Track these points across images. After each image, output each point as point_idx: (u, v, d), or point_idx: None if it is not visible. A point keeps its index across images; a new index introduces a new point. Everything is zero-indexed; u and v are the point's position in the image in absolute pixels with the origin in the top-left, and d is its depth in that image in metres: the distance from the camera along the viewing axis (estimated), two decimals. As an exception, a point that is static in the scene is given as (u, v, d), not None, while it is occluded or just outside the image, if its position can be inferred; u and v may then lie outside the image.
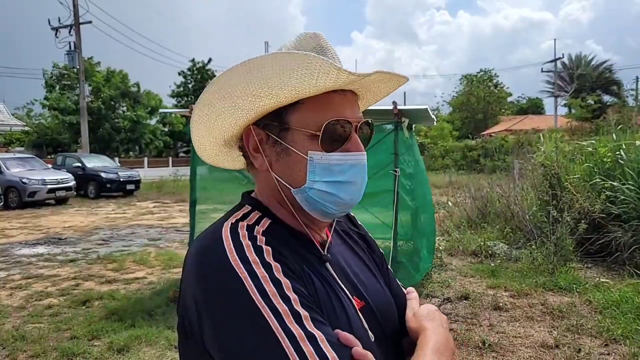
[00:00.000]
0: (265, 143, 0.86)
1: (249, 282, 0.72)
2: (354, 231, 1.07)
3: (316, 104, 0.82)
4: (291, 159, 0.84)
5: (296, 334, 0.69)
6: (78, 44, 23.30)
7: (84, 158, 19.34)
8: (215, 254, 0.76)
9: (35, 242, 9.21)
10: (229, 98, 0.81)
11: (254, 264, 0.74)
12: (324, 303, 0.80)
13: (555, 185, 7.07)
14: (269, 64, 0.76)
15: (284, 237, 0.84)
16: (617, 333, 4.04)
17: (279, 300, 0.71)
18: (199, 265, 0.77)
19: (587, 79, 38.37)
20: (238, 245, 0.76)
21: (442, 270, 6.36)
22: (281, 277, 0.74)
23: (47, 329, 4.54)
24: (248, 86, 0.79)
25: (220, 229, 0.81)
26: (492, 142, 26.45)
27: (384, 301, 0.95)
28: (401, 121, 5.01)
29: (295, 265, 0.79)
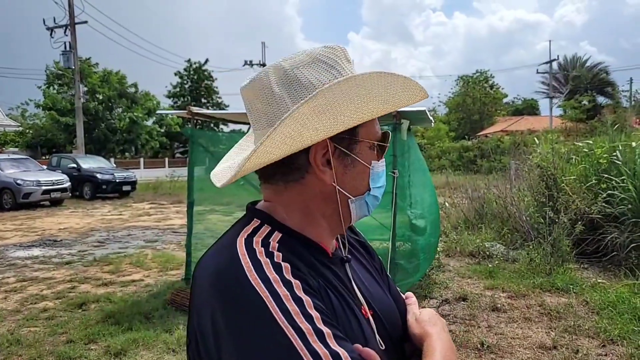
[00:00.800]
0: (332, 156, 0.85)
1: (271, 302, 0.70)
2: (354, 239, 1.07)
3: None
4: (356, 170, 0.87)
5: (321, 353, 0.68)
6: (73, 44, 23.21)
7: (79, 159, 19.24)
8: (234, 273, 0.74)
9: (30, 244, 9.15)
10: (329, 113, 0.79)
11: (275, 283, 0.72)
12: (340, 316, 0.79)
13: (552, 186, 7.09)
14: (377, 83, 0.81)
15: (298, 251, 0.83)
16: (614, 334, 4.05)
17: (302, 319, 0.70)
18: (217, 286, 0.75)
19: (582, 80, 38.56)
20: (256, 263, 0.74)
21: (440, 271, 6.37)
22: (302, 294, 0.73)
23: (43, 332, 4.50)
24: (354, 102, 0.80)
25: (235, 245, 0.78)
26: (488, 143, 26.55)
27: (389, 309, 0.95)
28: (400, 123, 5.00)
29: (313, 280, 0.79)
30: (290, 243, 0.83)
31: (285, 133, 0.78)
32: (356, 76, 0.80)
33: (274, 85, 0.83)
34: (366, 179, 0.88)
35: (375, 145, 0.89)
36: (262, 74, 0.85)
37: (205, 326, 0.74)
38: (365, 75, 0.81)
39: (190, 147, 5.85)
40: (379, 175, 0.90)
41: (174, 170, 25.49)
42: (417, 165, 6.29)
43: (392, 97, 0.84)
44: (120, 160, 31.47)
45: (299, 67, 0.83)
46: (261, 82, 0.84)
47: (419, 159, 6.63)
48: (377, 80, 0.81)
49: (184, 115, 5.89)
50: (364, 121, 0.84)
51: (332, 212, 0.88)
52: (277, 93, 0.82)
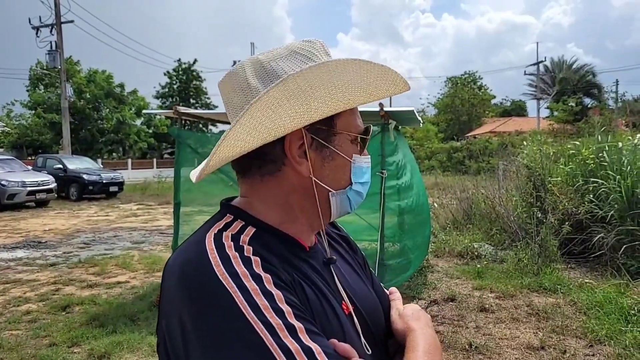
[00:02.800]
0: (309, 147, 0.82)
1: (239, 297, 0.67)
2: (336, 233, 1.05)
3: (352, 109, 0.85)
4: (335, 163, 0.84)
5: (292, 348, 0.65)
6: (59, 44, 22.95)
7: (65, 159, 19.00)
8: (201, 269, 0.71)
9: (14, 245, 8.99)
10: (300, 99, 0.74)
11: (243, 277, 0.69)
12: (317, 311, 0.77)
13: (539, 186, 7.12)
14: (352, 70, 0.77)
15: (272, 245, 0.80)
16: (601, 334, 4.07)
17: (272, 314, 0.67)
18: (184, 282, 0.71)
19: (569, 82, 38.96)
20: (224, 257, 0.71)
21: (429, 272, 6.36)
22: (272, 288, 0.70)
23: (25, 335, 4.41)
24: (327, 88, 0.76)
25: (204, 240, 0.75)
26: (477, 144, 26.69)
27: (372, 304, 0.93)
28: (388, 123, 4.99)
29: (286, 274, 0.76)
30: (264, 238, 0.80)
31: (255, 117, 0.74)
32: (330, 62, 0.75)
33: (250, 78, 0.81)
34: (347, 173, 0.85)
35: (356, 138, 0.86)
36: (238, 67, 0.83)
37: (173, 325, 0.71)
38: (340, 61, 0.75)
39: (177, 148, 5.78)
40: (362, 170, 0.87)
41: (161, 171, 25.35)
42: (409, 165, 6.28)
43: (369, 85, 0.79)
44: (107, 161, 31.20)
45: (276, 60, 0.81)
46: (237, 76, 0.82)
47: (410, 159, 6.64)
48: (353, 67, 0.76)
49: (170, 115, 5.82)
50: (340, 110, 0.80)
51: (311, 206, 0.84)
52: (253, 85, 0.80)
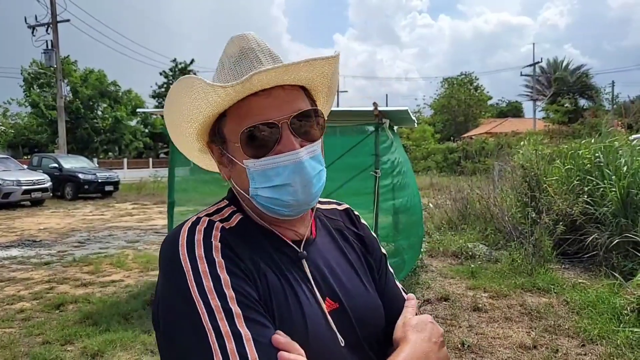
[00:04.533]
0: (221, 155, 0.91)
1: (190, 277, 0.75)
2: (351, 231, 1.05)
3: (236, 113, 0.85)
4: (237, 169, 0.88)
5: (223, 330, 0.72)
6: (55, 43, 22.89)
7: (60, 159, 18.96)
8: (170, 248, 0.80)
9: (9, 244, 8.96)
10: (173, 126, 0.92)
11: (199, 259, 0.77)
12: (278, 302, 0.80)
13: (534, 187, 7.15)
14: (174, 92, 0.85)
15: (251, 234, 0.87)
16: (593, 333, 4.08)
17: (214, 296, 0.74)
18: (160, 258, 0.83)
19: (565, 83, 39.11)
20: (190, 240, 0.80)
21: (423, 271, 6.37)
22: (222, 273, 0.76)
23: (19, 333, 4.40)
24: (177, 115, 0.88)
25: (186, 222, 0.85)
26: (473, 145, 26.76)
27: (364, 305, 0.92)
28: (382, 122, 5.00)
29: (248, 262, 0.81)
30: (247, 225, 0.88)
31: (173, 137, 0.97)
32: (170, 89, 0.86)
33: None
34: (247, 179, 0.86)
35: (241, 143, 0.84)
36: None
37: (156, 295, 0.83)
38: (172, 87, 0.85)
39: (171, 147, 5.77)
40: (261, 173, 0.84)
41: (157, 170, 25.29)
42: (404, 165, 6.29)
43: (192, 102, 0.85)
44: (103, 160, 31.11)
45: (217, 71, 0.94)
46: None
47: (405, 159, 6.64)
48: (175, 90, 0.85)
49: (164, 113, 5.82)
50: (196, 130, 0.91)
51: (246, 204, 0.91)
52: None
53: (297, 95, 0.87)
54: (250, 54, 0.86)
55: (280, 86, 0.84)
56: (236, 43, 0.88)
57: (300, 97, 0.88)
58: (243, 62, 0.86)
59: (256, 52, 0.87)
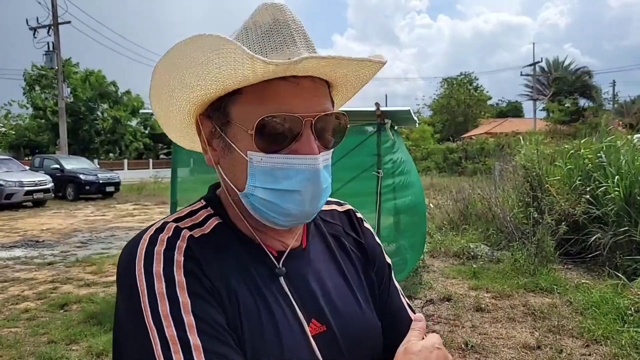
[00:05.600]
0: (213, 135, 0.77)
1: (144, 299, 0.65)
2: (350, 238, 0.92)
3: (256, 94, 0.70)
4: (233, 157, 0.74)
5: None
6: (57, 44, 22.92)
7: (62, 160, 18.98)
8: (127, 261, 0.69)
9: (12, 244, 8.98)
10: (167, 88, 0.74)
11: (156, 277, 0.66)
12: (252, 327, 0.70)
13: (536, 187, 7.16)
14: (190, 50, 0.66)
15: (227, 244, 0.75)
16: (598, 334, 4.09)
17: (169, 323, 0.63)
18: (117, 268, 0.72)
19: (565, 82, 39.12)
20: (150, 252, 0.68)
21: (425, 271, 6.38)
22: (182, 294, 0.66)
23: (24, 333, 4.42)
24: (181, 74, 0.70)
25: (148, 229, 0.73)
26: (473, 145, 26.77)
27: (357, 327, 0.80)
28: (384, 122, 5.01)
29: (216, 280, 0.69)
30: (223, 232, 0.76)
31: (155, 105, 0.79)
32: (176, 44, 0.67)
33: None
34: (244, 172, 0.72)
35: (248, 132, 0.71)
36: None
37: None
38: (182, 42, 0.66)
39: (174, 148, 5.79)
40: (267, 171, 0.71)
41: (157, 171, 25.31)
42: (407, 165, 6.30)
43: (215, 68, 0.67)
44: (104, 161, 31.10)
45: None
46: None
47: (408, 159, 6.65)
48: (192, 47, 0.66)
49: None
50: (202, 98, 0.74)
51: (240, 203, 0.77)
52: None
53: (324, 92, 0.75)
54: (284, 30, 0.72)
55: (310, 76, 0.72)
56: (270, 12, 0.73)
57: (326, 94, 0.76)
58: (274, 37, 0.72)
59: (291, 30, 0.73)
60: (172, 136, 0.89)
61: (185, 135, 0.87)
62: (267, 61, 0.62)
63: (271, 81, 0.69)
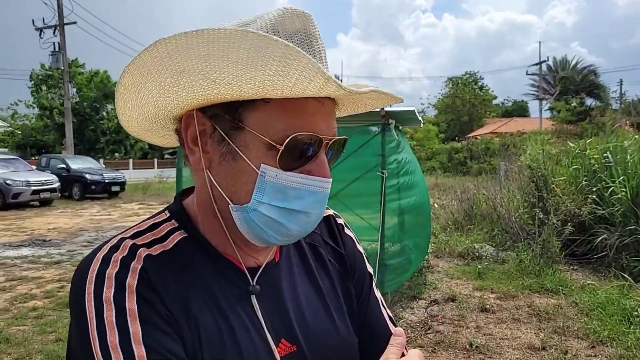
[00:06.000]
0: (208, 136, 0.68)
1: (92, 327, 0.61)
2: (328, 247, 0.86)
3: (284, 106, 0.64)
4: (237, 166, 0.66)
5: None
6: (62, 45, 23.05)
7: (68, 159, 19.09)
8: (78, 283, 0.65)
9: (20, 243, 9.06)
10: (172, 71, 0.61)
11: (106, 303, 0.62)
12: (213, 351, 0.66)
13: (542, 187, 7.14)
14: (236, 44, 0.56)
15: (190, 261, 0.70)
16: (603, 335, 4.08)
17: (118, 356, 0.59)
18: (70, 289, 0.67)
19: (571, 82, 38.91)
20: (101, 274, 0.64)
21: (429, 272, 6.38)
22: (133, 323, 0.61)
23: (32, 331, 4.47)
24: (202, 63, 0.59)
25: (102, 247, 0.68)
26: (478, 145, 26.69)
27: (328, 344, 0.76)
28: (388, 123, 5.01)
29: (173, 305, 0.65)
30: (186, 248, 0.71)
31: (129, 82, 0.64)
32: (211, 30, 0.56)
33: None
34: (250, 185, 0.66)
35: (273, 145, 0.65)
36: None
37: None
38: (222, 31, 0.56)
39: (179, 149, 5.82)
40: (279, 188, 0.65)
41: (162, 171, 25.37)
42: (412, 165, 6.30)
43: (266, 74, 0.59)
44: (109, 161, 31.26)
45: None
46: None
47: (412, 159, 6.65)
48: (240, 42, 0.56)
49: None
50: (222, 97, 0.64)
51: (227, 216, 0.70)
52: None
53: (334, 113, 0.72)
54: (313, 43, 0.67)
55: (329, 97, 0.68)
56: (301, 21, 0.67)
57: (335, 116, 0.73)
58: (306, 50, 0.65)
59: (319, 45, 0.68)
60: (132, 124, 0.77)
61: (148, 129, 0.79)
62: (344, 87, 0.60)
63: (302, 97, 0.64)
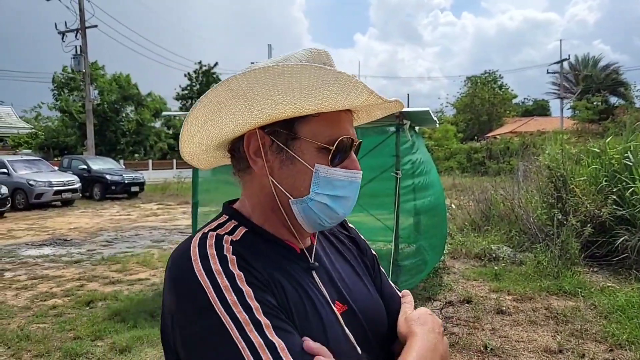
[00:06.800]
0: (268, 148, 0.86)
1: (211, 293, 0.73)
2: (343, 234, 1.07)
3: (327, 118, 0.84)
4: (295, 168, 0.84)
5: (255, 342, 0.70)
6: (84, 48, 23.48)
7: (89, 160, 19.43)
8: (183, 266, 0.77)
9: (41, 243, 9.26)
10: (243, 98, 0.79)
11: (217, 274, 0.75)
12: (297, 311, 0.80)
13: (561, 187, 7.02)
14: (298, 74, 0.76)
15: (258, 245, 0.85)
16: (622, 338, 4.00)
17: (239, 309, 0.72)
18: (170, 277, 0.79)
19: (594, 80, 38.15)
20: (203, 255, 0.77)
21: (445, 273, 6.33)
22: (243, 285, 0.75)
23: (51, 329, 4.56)
24: (270, 90, 0.77)
25: (192, 238, 0.82)
26: (497, 144, 26.36)
27: (370, 305, 0.94)
28: (402, 123, 4.99)
29: (264, 273, 0.79)
30: (252, 238, 0.86)
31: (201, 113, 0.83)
32: (276, 66, 0.75)
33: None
34: (307, 181, 0.84)
35: (325, 148, 0.84)
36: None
37: (166, 313, 0.79)
38: (287, 66, 0.75)
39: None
40: (329, 181, 0.85)
41: (181, 171, 25.61)
42: (427, 165, 6.26)
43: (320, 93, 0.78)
44: (129, 161, 31.64)
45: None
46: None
47: (428, 159, 6.61)
48: (302, 72, 0.76)
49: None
50: (287, 115, 0.82)
51: (278, 208, 0.87)
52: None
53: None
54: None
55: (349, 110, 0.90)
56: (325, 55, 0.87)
57: None
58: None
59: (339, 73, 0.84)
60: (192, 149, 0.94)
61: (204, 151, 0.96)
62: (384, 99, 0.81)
63: (338, 111, 0.85)
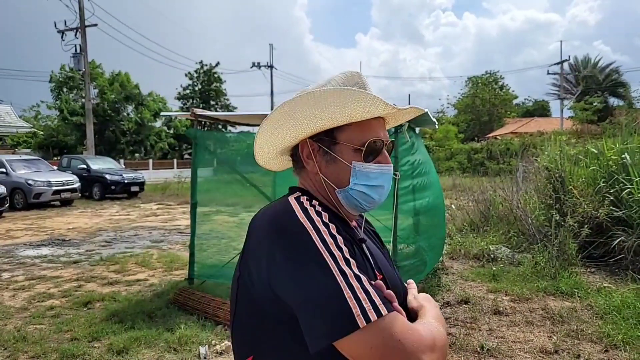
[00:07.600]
0: (316, 152, 1.12)
1: (314, 235, 0.95)
2: (369, 228, 1.31)
3: (360, 126, 1.09)
4: (337, 166, 1.09)
5: (347, 273, 0.91)
6: (84, 47, 23.48)
7: (88, 160, 19.42)
8: (288, 216, 0.99)
9: (40, 243, 9.26)
10: (294, 118, 1.07)
11: (317, 222, 0.98)
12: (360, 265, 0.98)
13: (559, 188, 7.03)
14: (332, 96, 1.02)
15: (330, 213, 1.04)
16: (617, 339, 4.01)
17: (335, 249, 0.94)
18: (274, 226, 0.99)
19: (593, 80, 38.14)
20: (304, 209, 1.01)
21: (443, 273, 6.34)
22: (336, 234, 0.97)
23: (48, 330, 4.56)
24: (313, 110, 1.04)
25: (287, 200, 1.04)
26: (498, 145, 26.37)
27: (394, 279, 1.15)
28: (400, 125, 4.99)
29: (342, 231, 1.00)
30: (327, 210, 1.06)
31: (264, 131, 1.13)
32: (316, 91, 1.02)
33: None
34: (347, 175, 1.08)
35: (358, 148, 1.09)
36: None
37: (261, 256, 0.97)
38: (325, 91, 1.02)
39: (194, 149, 5.89)
40: (365, 174, 1.09)
41: (181, 171, 25.63)
42: (426, 166, 6.27)
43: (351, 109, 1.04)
44: (129, 161, 31.66)
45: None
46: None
47: (427, 160, 6.62)
48: (334, 95, 1.02)
49: (187, 117, 5.92)
50: (327, 126, 1.09)
51: (330, 195, 1.12)
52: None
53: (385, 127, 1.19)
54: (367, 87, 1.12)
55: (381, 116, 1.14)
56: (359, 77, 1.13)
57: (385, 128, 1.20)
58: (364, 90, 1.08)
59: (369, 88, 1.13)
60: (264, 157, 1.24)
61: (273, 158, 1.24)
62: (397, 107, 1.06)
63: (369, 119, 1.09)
